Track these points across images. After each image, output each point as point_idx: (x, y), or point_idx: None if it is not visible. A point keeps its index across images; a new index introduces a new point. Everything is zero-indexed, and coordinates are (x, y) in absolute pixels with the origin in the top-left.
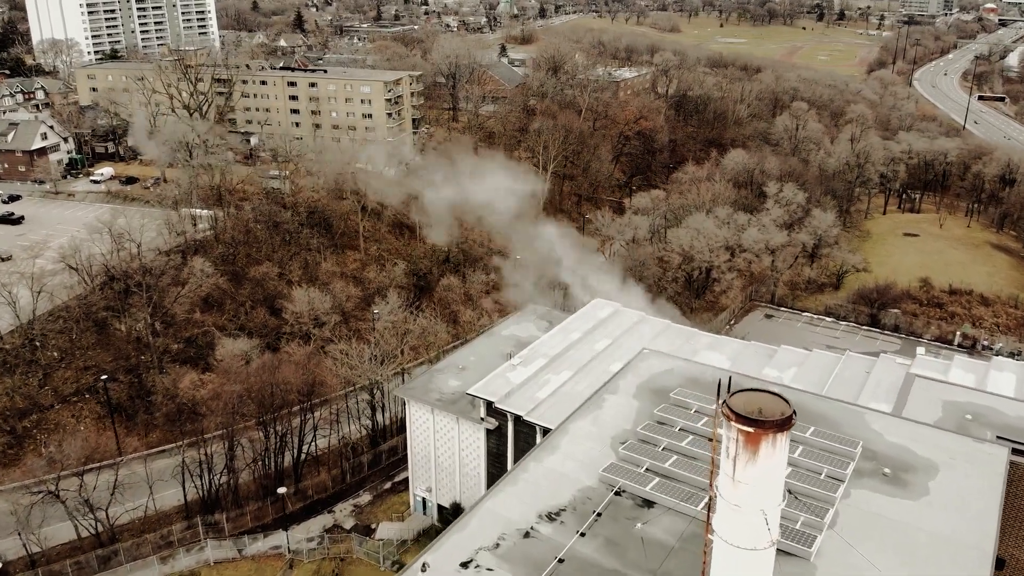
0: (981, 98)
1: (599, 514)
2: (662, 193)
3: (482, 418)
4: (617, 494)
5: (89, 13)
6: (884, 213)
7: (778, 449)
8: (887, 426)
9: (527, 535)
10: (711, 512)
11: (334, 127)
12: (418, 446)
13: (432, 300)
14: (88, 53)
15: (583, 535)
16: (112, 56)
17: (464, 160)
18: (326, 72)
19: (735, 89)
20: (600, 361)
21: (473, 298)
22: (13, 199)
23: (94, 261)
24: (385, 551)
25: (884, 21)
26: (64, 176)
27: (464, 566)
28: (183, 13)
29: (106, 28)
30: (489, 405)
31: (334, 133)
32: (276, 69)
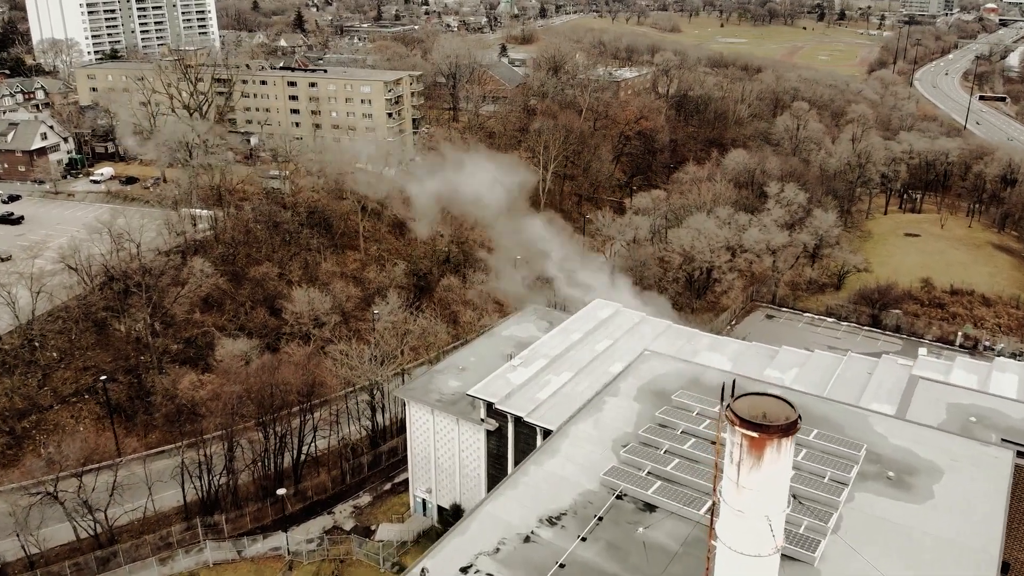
0: (982, 98)
1: (600, 518)
2: (663, 193)
3: (482, 419)
4: (619, 498)
5: (89, 13)
6: (885, 213)
7: (783, 454)
8: (891, 429)
9: (527, 539)
10: (714, 517)
11: (334, 127)
12: (418, 447)
13: (432, 300)
14: (88, 53)
15: (584, 540)
16: (112, 56)
17: (461, 156)
18: (326, 72)
19: (736, 89)
20: (601, 362)
21: (473, 298)
22: (13, 199)
23: (93, 261)
24: (385, 552)
25: (885, 21)
26: (64, 176)
27: (464, 571)
28: (183, 13)
29: (106, 28)
30: (489, 406)
31: (334, 133)
32: (276, 69)
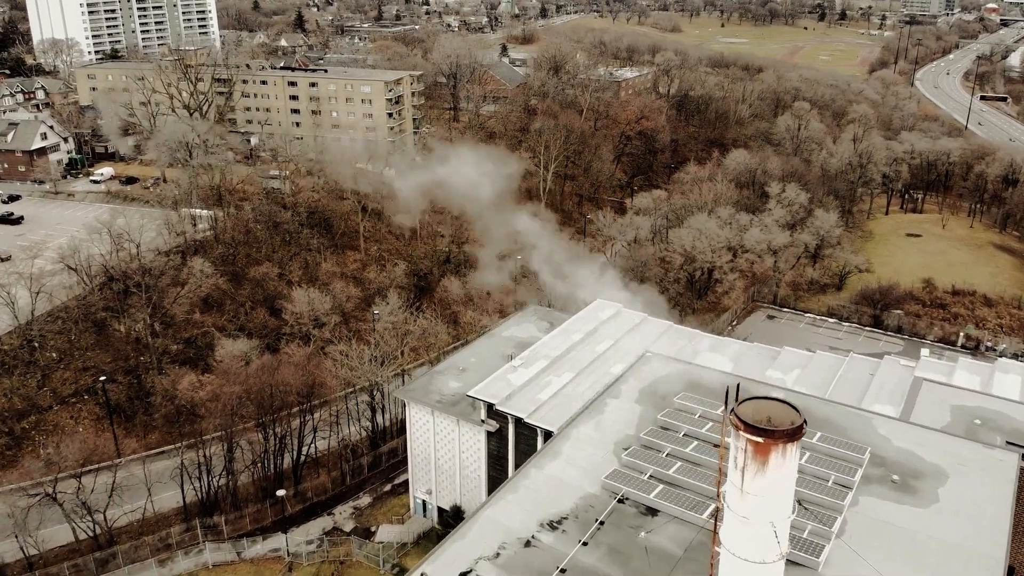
0: (983, 98)
1: (602, 522)
2: (664, 193)
3: (483, 420)
4: (620, 502)
5: (89, 13)
6: (887, 213)
7: (788, 459)
8: (895, 431)
9: (528, 544)
10: (718, 523)
11: (334, 127)
12: (418, 448)
13: (432, 301)
14: (88, 53)
15: (585, 544)
16: (112, 56)
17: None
18: (327, 72)
19: (737, 89)
20: (602, 363)
21: (472, 297)
22: (13, 199)
23: (93, 261)
24: (385, 554)
25: (886, 21)
26: (64, 176)
27: None
28: (183, 13)
29: (106, 28)
30: (490, 407)
31: (334, 133)
32: (277, 69)
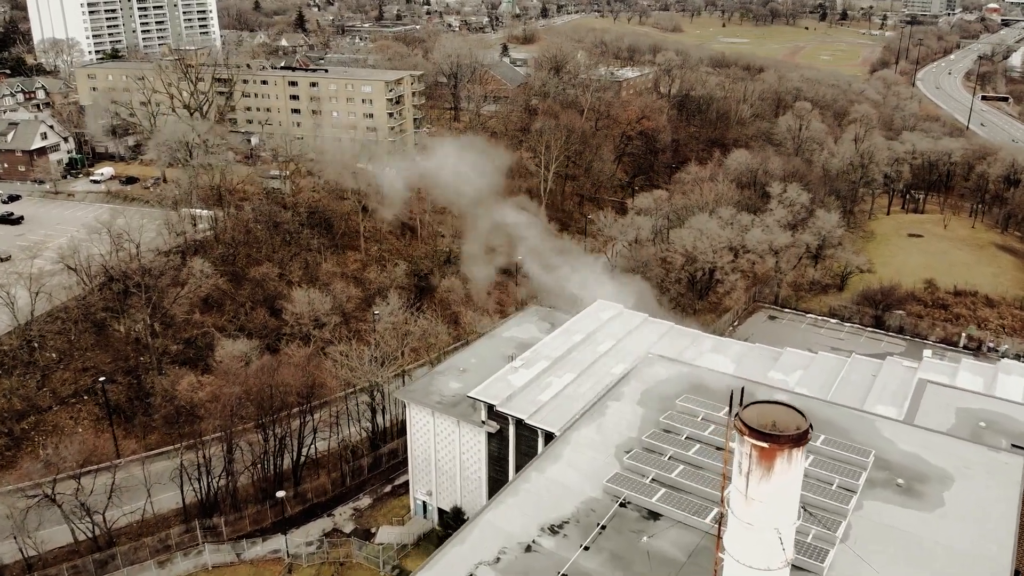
0: (984, 98)
1: (603, 527)
2: (665, 193)
3: (483, 421)
4: (622, 505)
5: (90, 13)
6: (888, 214)
7: (794, 465)
8: (899, 434)
9: (529, 549)
10: (722, 528)
11: (335, 127)
12: (418, 449)
13: (433, 301)
14: (89, 53)
15: (587, 549)
16: (113, 56)
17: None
18: (327, 72)
19: (738, 89)
20: (603, 363)
21: (473, 298)
22: (13, 199)
23: (93, 261)
24: (385, 555)
25: (887, 21)
26: (64, 176)
27: None
28: (184, 13)
29: (107, 28)
30: (490, 408)
31: (335, 133)
32: (277, 69)
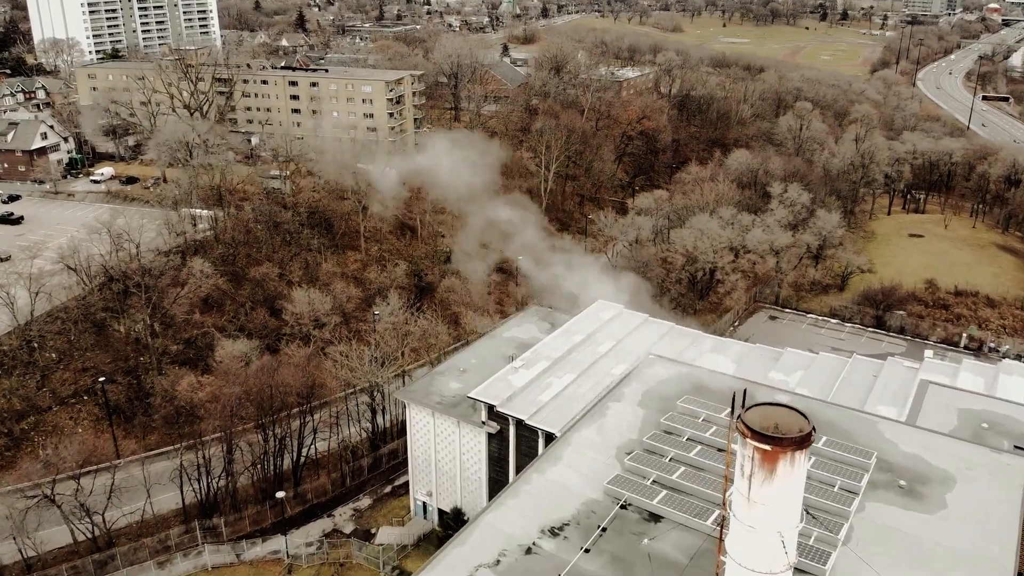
0: (985, 98)
1: (604, 529)
2: (665, 193)
3: (483, 422)
4: (623, 507)
5: (90, 12)
6: (889, 214)
7: (796, 467)
8: (901, 435)
9: (529, 551)
10: (723, 531)
11: (335, 127)
12: (419, 450)
13: (433, 301)
14: (89, 53)
15: (587, 551)
16: (113, 56)
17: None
18: (327, 72)
19: (738, 89)
20: (603, 364)
21: (471, 294)
22: (13, 199)
23: (93, 261)
24: (385, 556)
25: (887, 21)
26: (64, 176)
27: None
28: (184, 13)
29: (107, 28)
30: (491, 409)
31: (335, 133)
32: (277, 69)
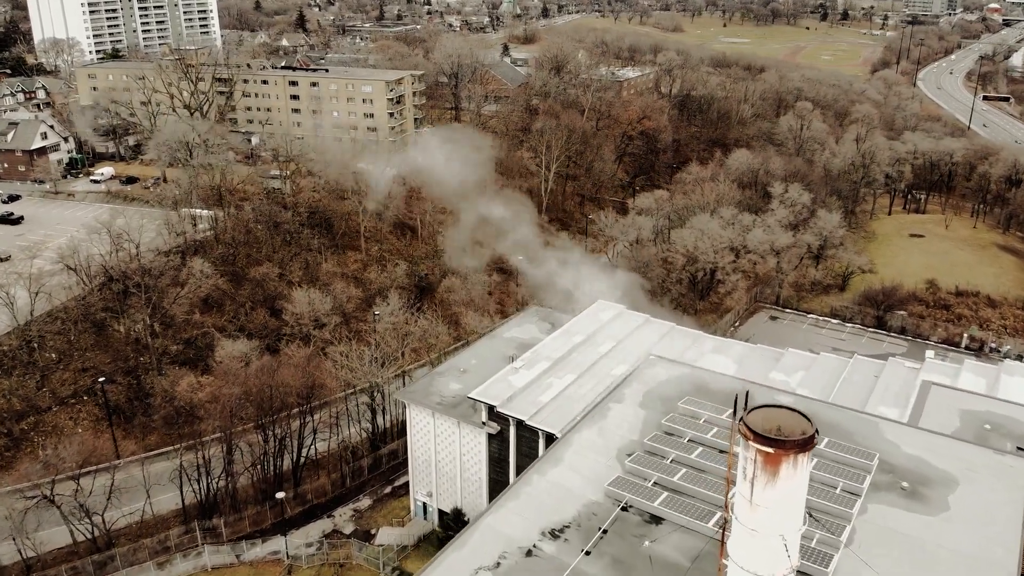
0: (985, 98)
1: (605, 531)
2: (666, 193)
3: (484, 422)
4: (624, 510)
5: (91, 12)
6: (889, 214)
7: (799, 470)
8: (903, 437)
9: (529, 553)
10: (725, 533)
11: (336, 127)
12: (419, 450)
13: (433, 301)
14: (89, 52)
15: (588, 553)
16: (113, 55)
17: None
18: (328, 72)
19: (739, 89)
20: (603, 364)
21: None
22: (13, 199)
23: (93, 262)
24: (385, 557)
25: (888, 21)
26: (64, 176)
27: None
28: (185, 12)
29: (108, 27)
30: (491, 409)
31: (335, 133)
32: (278, 68)
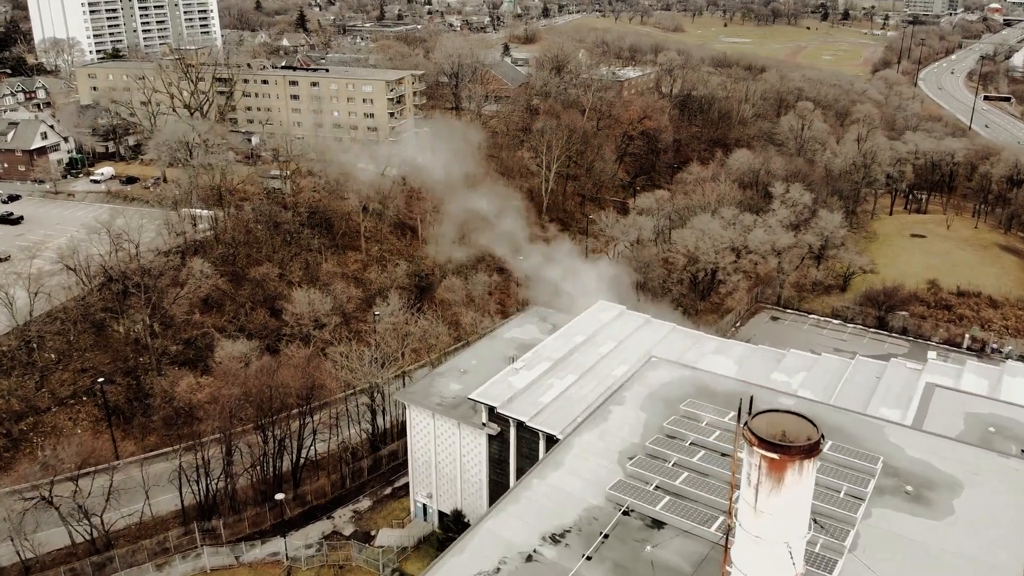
0: (987, 98)
1: (606, 536)
2: (666, 193)
3: (484, 423)
4: (625, 514)
5: (91, 12)
6: (891, 214)
7: (804, 476)
8: (907, 440)
9: (529, 559)
10: (729, 540)
11: (336, 126)
12: (419, 451)
13: (433, 302)
14: (90, 52)
15: (589, 559)
16: (114, 55)
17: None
18: (328, 71)
19: (739, 89)
20: (604, 365)
21: (475, 299)
22: (13, 199)
23: (92, 262)
24: (385, 558)
25: (888, 21)
26: (64, 176)
27: None
28: (185, 12)
29: (108, 27)
30: (491, 410)
31: (336, 132)
32: (278, 68)
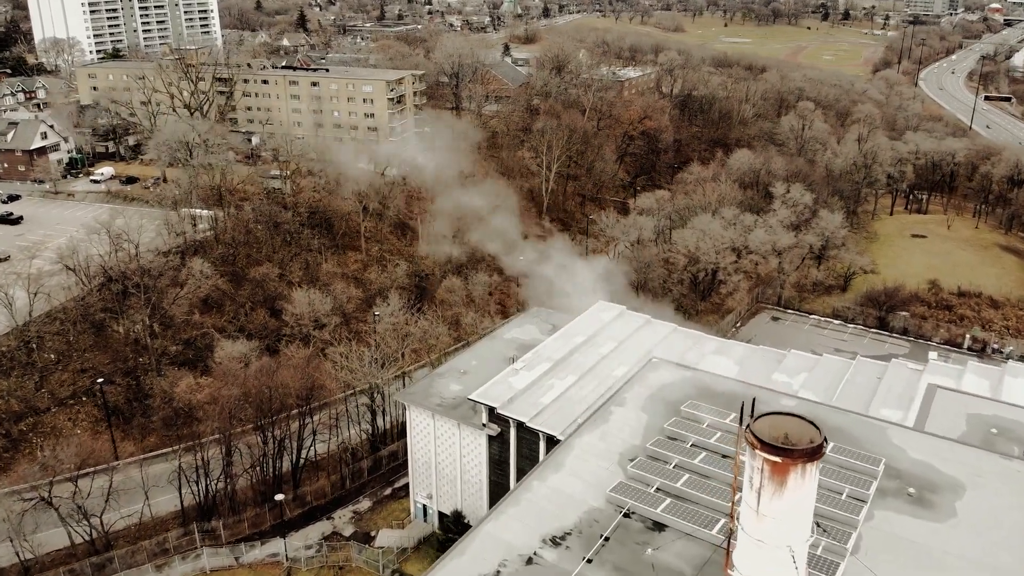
0: (987, 98)
1: (607, 538)
2: (667, 193)
3: (484, 424)
4: (626, 516)
5: (91, 12)
6: (891, 214)
7: (807, 480)
8: (909, 441)
9: (530, 561)
10: (731, 543)
11: (336, 126)
12: (419, 452)
13: (434, 302)
14: (90, 52)
15: (590, 561)
16: (114, 55)
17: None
18: (328, 71)
19: (740, 89)
20: (605, 366)
21: (475, 300)
22: (12, 199)
23: (92, 262)
24: (385, 559)
25: (889, 21)
26: (64, 176)
27: None
28: (185, 12)
29: (108, 27)
30: (491, 411)
31: (336, 132)
32: (278, 68)
